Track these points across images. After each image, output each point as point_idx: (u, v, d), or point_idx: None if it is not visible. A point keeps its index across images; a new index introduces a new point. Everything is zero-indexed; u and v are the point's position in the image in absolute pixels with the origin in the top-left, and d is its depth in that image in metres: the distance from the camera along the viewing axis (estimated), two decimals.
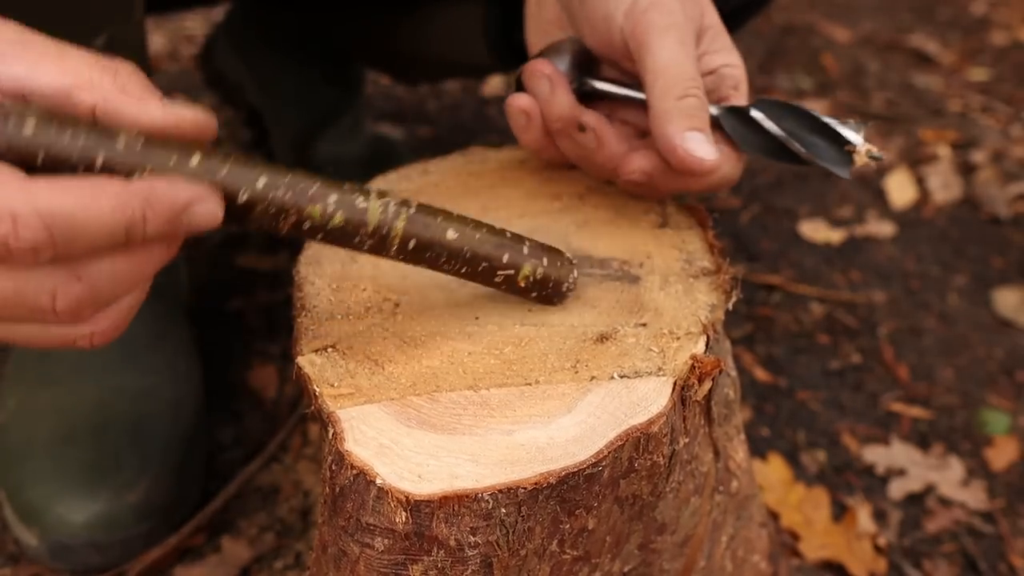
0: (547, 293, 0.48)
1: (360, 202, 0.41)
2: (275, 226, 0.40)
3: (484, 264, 0.45)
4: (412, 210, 0.43)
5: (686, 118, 0.49)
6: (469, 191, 0.59)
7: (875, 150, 0.52)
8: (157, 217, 0.35)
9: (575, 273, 0.49)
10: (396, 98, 1.51)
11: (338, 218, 0.40)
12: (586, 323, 0.48)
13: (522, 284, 0.47)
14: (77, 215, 0.33)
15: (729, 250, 1.19)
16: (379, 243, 0.42)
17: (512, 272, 0.46)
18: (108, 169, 0.35)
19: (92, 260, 0.36)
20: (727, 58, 0.55)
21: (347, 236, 0.41)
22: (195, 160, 0.37)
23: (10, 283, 0.34)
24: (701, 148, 0.49)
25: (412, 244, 0.43)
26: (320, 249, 0.53)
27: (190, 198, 0.36)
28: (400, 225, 0.42)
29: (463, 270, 0.45)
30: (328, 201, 0.40)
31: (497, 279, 0.46)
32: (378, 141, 1.18)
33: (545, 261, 0.47)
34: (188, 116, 0.38)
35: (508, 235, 0.46)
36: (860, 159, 0.52)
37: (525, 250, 0.47)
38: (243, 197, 0.38)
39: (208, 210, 0.37)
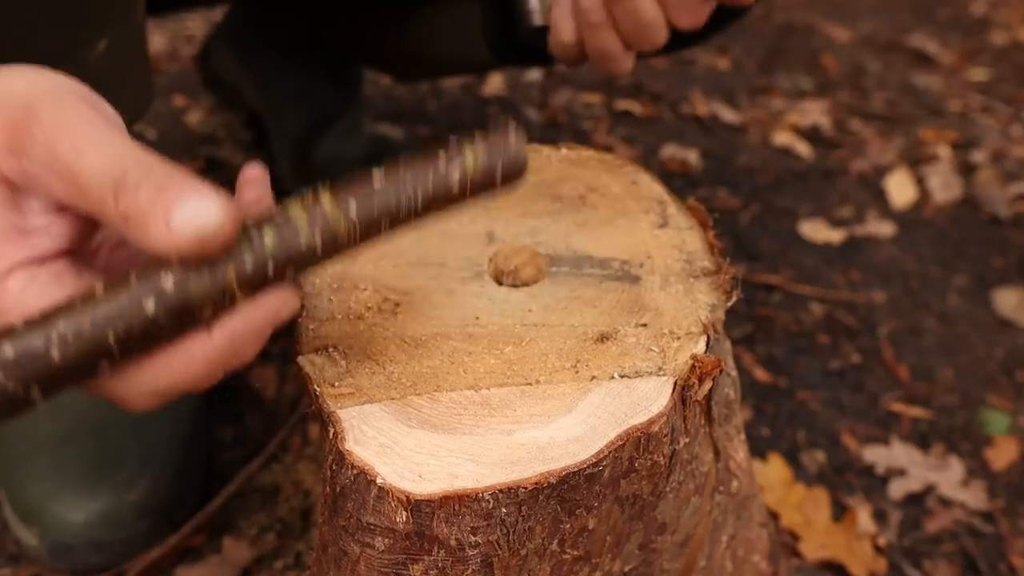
0: (505, 173, 0.42)
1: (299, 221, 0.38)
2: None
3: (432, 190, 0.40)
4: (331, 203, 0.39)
5: None
6: None
7: None
8: (250, 347, 0.38)
9: (523, 141, 0.43)
10: (396, 98, 1.51)
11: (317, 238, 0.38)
12: (586, 323, 0.48)
13: (476, 179, 0.41)
14: (180, 387, 0.37)
15: (729, 250, 1.19)
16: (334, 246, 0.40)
17: (458, 177, 0.40)
18: (178, 313, 0.36)
19: None
20: None
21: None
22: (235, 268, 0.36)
23: None
24: None
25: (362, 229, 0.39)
26: None
27: (266, 319, 0.37)
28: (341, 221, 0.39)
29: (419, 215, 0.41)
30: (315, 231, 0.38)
31: (452, 194, 0.41)
32: (378, 141, 1.18)
33: (479, 143, 0.41)
34: (210, 233, 0.34)
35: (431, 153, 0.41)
36: None
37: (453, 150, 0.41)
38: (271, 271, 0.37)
39: (287, 312, 0.38)
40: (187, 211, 0.33)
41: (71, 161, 0.34)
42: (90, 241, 0.41)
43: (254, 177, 0.42)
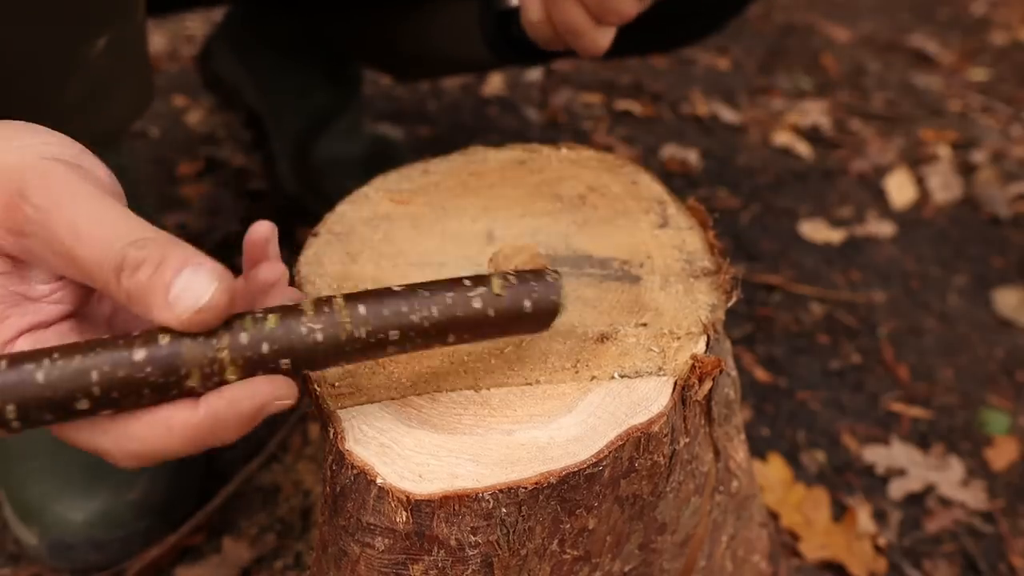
0: (534, 312, 0.41)
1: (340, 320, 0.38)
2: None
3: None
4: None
5: None
6: (469, 191, 0.59)
7: None
8: (229, 432, 0.37)
9: (560, 284, 0.42)
10: (396, 98, 1.51)
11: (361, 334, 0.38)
12: (586, 323, 0.48)
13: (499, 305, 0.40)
14: (157, 452, 0.37)
15: (729, 250, 1.19)
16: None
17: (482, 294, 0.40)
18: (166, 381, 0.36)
19: None
20: None
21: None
22: (227, 343, 0.36)
23: None
24: None
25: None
26: (321, 249, 0.53)
27: (255, 409, 0.37)
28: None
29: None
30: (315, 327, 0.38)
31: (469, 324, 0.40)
32: (378, 141, 1.18)
33: (506, 278, 0.41)
34: (207, 305, 0.36)
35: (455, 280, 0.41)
36: None
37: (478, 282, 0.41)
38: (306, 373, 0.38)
39: (281, 403, 0.37)
40: (186, 286, 0.35)
41: (69, 245, 0.36)
42: (91, 300, 0.41)
43: (261, 237, 0.42)
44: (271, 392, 0.37)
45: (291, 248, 0.44)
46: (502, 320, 0.40)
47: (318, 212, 0.57)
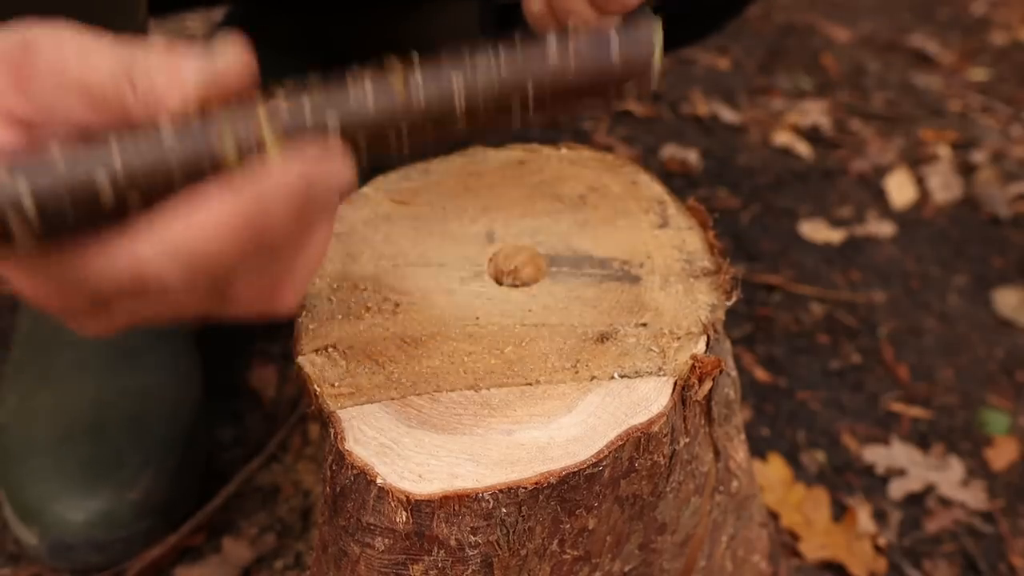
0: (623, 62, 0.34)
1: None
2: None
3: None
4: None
5: None
6: (469, 191, 0.59)
7: None
8: (281, 213, 0.32)
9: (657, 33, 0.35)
10: None
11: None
12: (586, 323, 0.48)
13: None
14: (206, 248, 0.32)
15: (729, 250, 1.19)
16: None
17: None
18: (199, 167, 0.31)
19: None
20: None
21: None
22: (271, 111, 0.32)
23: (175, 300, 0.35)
24: None
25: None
26: None
27: (301, 179, 0.32)
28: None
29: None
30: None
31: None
32: None
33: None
34: (226, 70, 0.34)
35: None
36: None
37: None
38: (363, 143, 0.32)
39: (333, 174, 0.33)
40: (196, 63, 0.33)
41: (80, 73, 0.33)
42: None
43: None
44: (322, 160, 0.32)
45: None
46: (586, 76, 0.34)
47: None
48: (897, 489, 0.88)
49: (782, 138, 1.50)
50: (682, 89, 1.64)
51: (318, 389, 0.44)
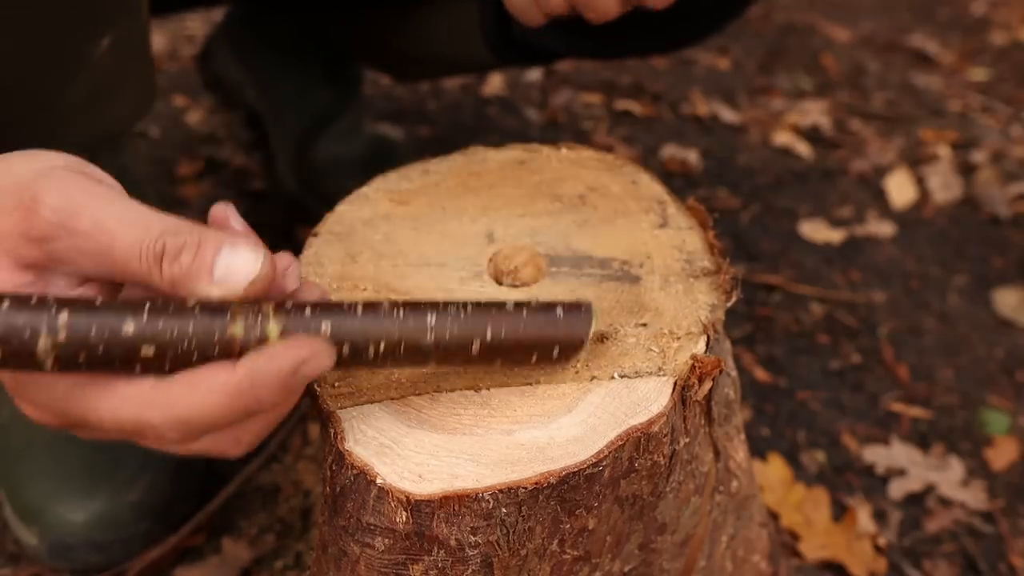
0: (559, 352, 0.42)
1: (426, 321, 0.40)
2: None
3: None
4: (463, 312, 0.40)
5: None
6: (469, 191, 0.59)
7: None
8: (271, 392, 0.37)
9: (591, 321, 0.43)
10: (396, 98, 1.51)
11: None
12: None
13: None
14: (202, 419, 0.36)
15: (729, 250, 1.19)
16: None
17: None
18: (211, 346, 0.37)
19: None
20: None
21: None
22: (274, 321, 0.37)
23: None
24: None
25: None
26: (320, 249, 0.53)
27: (293, 365, 0.36)
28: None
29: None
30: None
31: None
32: (378, 141, 1.18)
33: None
34: (262, 281, 0.38)
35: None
36: None
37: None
38: (346, 351, 0.38)
39: (319, 364, 0.37)
40: (229, 263, 0.37)
41: (101, 242, 0.37)
42: (118, 297, 0.42)
43: (221, 215, 0.42)
44: (310, 349, 0.37)
45: (291, 248, 0.44)
46: (531, 335, 0.41)
47: (318, 212, 0.57)
48: (897, 489, 0.88)
49: (782, 138, 1.50)
50: (682, 89, 1.64)
51: (318, 389, 0.44)
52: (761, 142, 1.50)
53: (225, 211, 0.42)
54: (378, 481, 0.40)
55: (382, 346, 0.39)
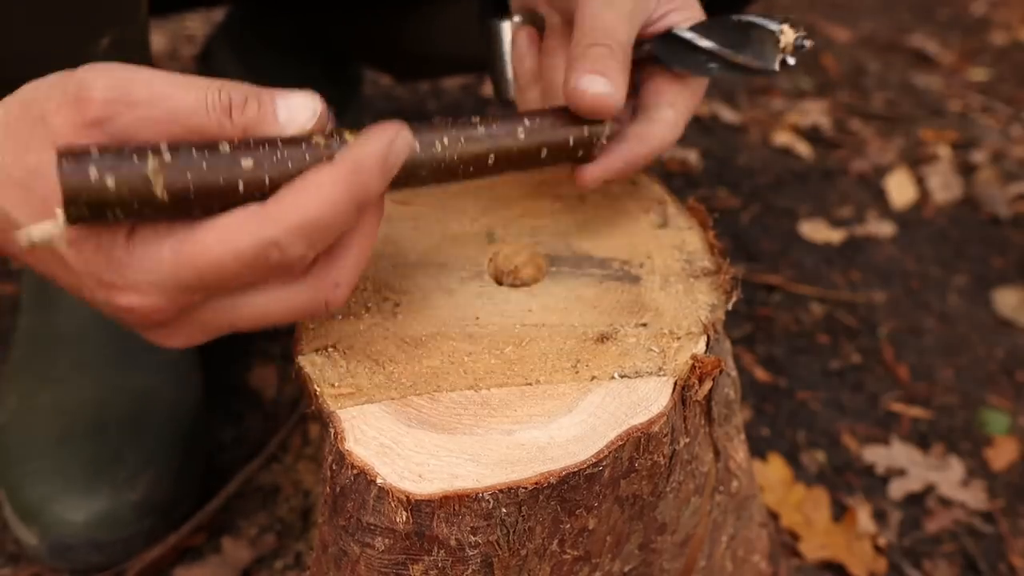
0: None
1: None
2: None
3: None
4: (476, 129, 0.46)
5: (589, 61, 0.50)
6: (469, 191, 0.59)
7: (798, 34, 0.52)
8: (373, 176, 0.39)
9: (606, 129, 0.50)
10: (396, 98, 1.51)
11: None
12: (586, 323, 0.48)
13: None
14: (323, 216, 0.38)
15: (729, 250, 1.19)
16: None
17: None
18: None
19: (342, 249, 0.41)
20: (682, 12, 0.55)
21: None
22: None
23: (291, 297, 0.42)
24: (594, 85, 0.50)
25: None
26: None
27: (384, 145, 0.39)
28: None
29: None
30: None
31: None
32: None
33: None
34: (321, 121, 0.40)
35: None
36: (785, 41, 0.52)
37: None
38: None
39: (405, 142, 0.40)
40: (290, 107, 0.40)
41: (167, 109, 0.37)
42: None
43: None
44: (394, 129, 0.40)
45: None
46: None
47: None
48: (897, 489, 0.88)
49: (782, 138, 1.50)
50: None
51: (318, 389, 0.44)
52: (761, 142, 1.50)
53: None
54: (378, 481, 0.40)
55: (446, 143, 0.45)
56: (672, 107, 0.53)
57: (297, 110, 0.40)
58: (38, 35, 0.54)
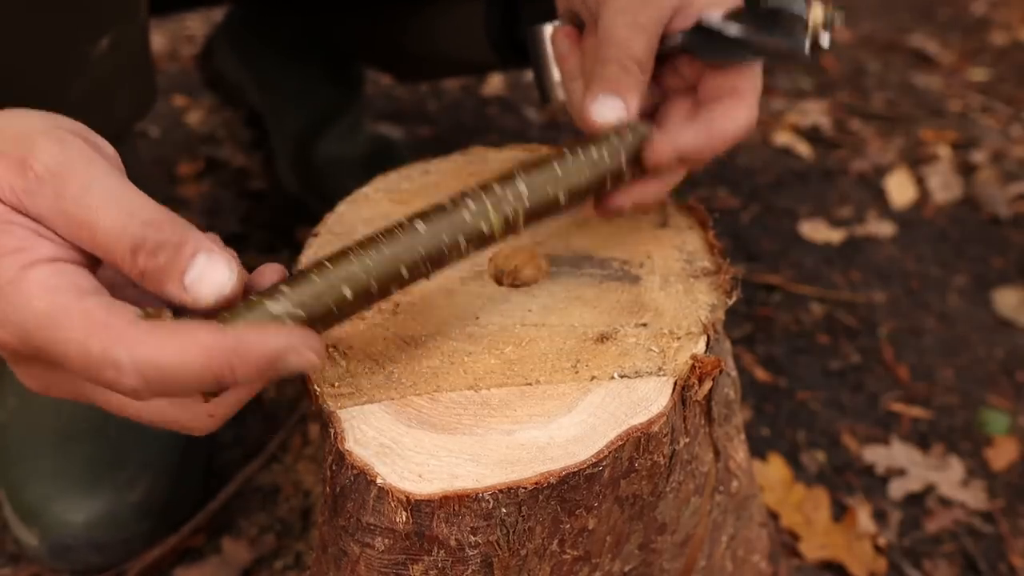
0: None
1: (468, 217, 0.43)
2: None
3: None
4: (517, 191, 0.44)
5: (602, 82, 0.49)
6: None
7: (827, 11, 0.51)
8: (247, 368, 0.35)
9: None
10: (396, 98, 1.51)
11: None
12: (586, 323, 0.48)
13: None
14: (171, 369, 0.35)
15: (729, 250, 1.19)
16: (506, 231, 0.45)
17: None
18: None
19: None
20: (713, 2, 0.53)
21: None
22: (270, 305, 0.38)
23: (153, 407, 0.40)
24: (602, 112, 0.49)
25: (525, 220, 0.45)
26: (320, 249, 0.53)
27: (278, 350, 0.36)
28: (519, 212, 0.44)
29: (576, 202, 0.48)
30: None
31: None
32: (378, 141, 1.18)
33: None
34: (230, 300, 0.38)
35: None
36: (814, 21, 0.51)
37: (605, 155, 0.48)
38: (336, 312, 0.39)
39: (303, 359, 0.36)
40: (202, 272, 0.36)
41: (83, 215, 0.36)
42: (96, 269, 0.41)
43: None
44: (301, 340, 0.36)
45: (291, 248, 0.44)
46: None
47: (318, 212, 0.57)
48: (897, 489, 0.88)
49: (782, 138, 1.50)
50: None
51: (318, 389, 0.44)
52: (761, 142, 1.50)
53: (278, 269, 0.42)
54: (378, 481, 0.40)
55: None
56: (732, 95, 0.51)
57: (207, 280, 0.36)
58: (37, 36, 0.54)
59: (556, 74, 0.61)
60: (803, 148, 1.48)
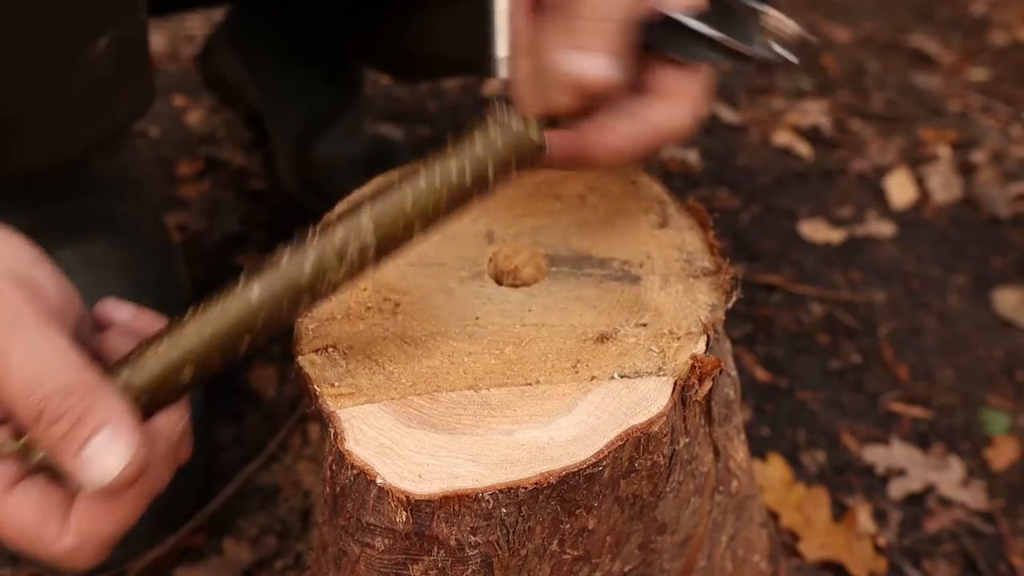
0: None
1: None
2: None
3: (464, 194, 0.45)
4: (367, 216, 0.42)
5: (568, 36, 0.44)
6: None
7: (785, 22, 0.50)
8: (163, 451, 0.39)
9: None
10: (396, 98, 1.51)
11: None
12: (586, 323, 0.48)
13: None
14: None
15: (729, 250, 1.19)
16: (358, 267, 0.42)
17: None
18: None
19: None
20: None
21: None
22: None
23: None
24: (577, 62, 0.44)
25: (384, 247, 0.42)
26: None
27: (169, 428, 0.40)
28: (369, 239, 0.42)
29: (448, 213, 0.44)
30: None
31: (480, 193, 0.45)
32: (378, 141, 1.18)
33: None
34: (120, 486, 0.37)
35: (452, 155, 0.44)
36: (768, 25, 0.49)
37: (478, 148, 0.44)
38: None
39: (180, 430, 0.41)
40: (98, 452, 0.36)
41: (5, 364, 0.36)
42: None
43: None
44: (178, 418, 0.41)
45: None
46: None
47: (318, 212, 0.57)
48: (897, 489, 0.88)
49: (782, 138, 1.50)
50: None
51: (318, 389, 0.44)
52: (761, 142, 1.50)
53: (106, 309, 0.42)
54: (378, 481, 0.40)
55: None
56: (675, 94, 0.48)
57: (103, 458, 0.36)
58: (36, 35, 0.54)
59: (503, 49, 0.58)
60: (803, 148, 1.48)
